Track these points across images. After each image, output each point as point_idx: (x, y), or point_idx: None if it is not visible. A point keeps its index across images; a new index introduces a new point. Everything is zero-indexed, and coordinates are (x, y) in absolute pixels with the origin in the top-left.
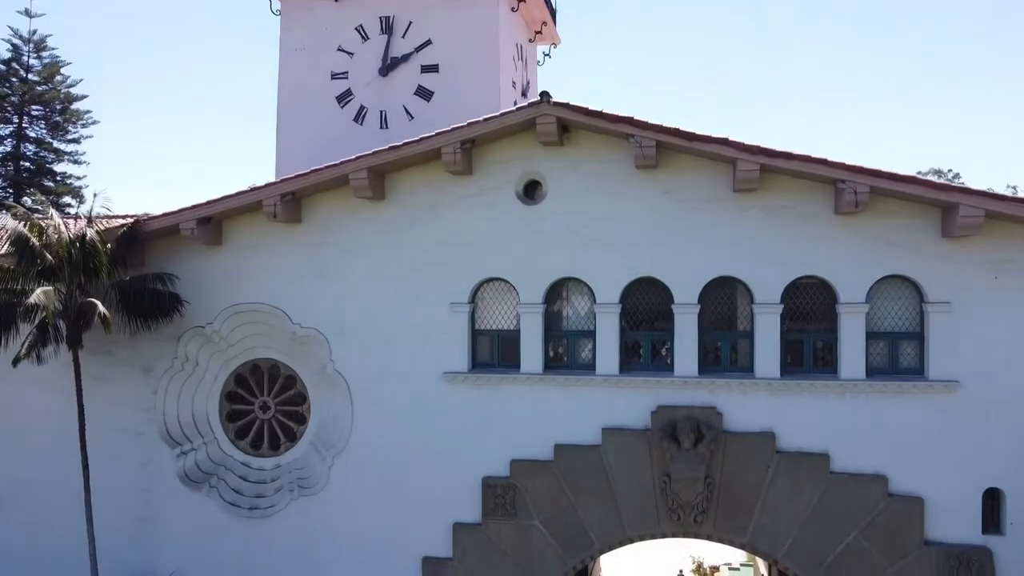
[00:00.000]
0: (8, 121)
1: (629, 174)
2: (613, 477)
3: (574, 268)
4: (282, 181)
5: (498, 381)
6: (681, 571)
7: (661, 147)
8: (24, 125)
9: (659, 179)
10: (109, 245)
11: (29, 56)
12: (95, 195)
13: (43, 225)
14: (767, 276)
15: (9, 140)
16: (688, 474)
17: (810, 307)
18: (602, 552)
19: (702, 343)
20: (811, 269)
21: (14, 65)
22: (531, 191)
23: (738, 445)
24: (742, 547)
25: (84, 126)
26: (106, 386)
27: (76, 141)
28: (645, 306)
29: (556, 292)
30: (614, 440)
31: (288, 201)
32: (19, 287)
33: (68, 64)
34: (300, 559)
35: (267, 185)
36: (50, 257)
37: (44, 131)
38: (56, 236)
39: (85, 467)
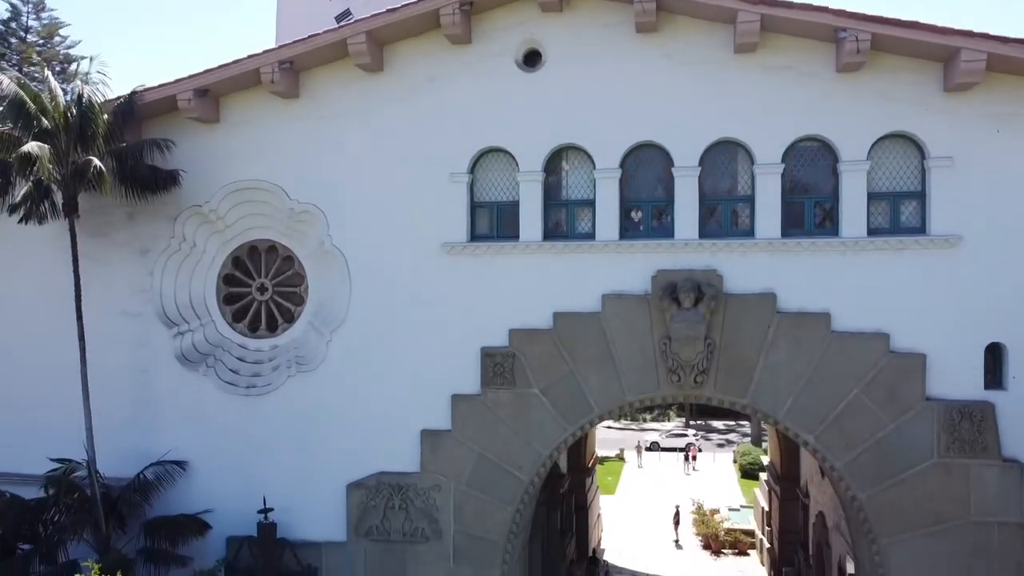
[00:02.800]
0: None
1: (629, 38)
2: (613, 342)
3: (574, 135)
4: (280, 47)
5: (497, 250)
6: (677, 507)
7: (661, 8)
8: None
9: (659, 43)
10: (105, 116)
11: (28, 17)
12: (91, 59)
13: (38, 90)
14: (767, 137)
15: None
16: (688, 333)
17: (810, 172)
18: (601, 418)
19: (702, 208)
20: (812, 129)
21: (13, 25)
22: (531, 59)
23: (738, 306)
24: (743, 408)
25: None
26: (103, 268)
27: None
28: (645, 173)
29: (556, 163)
30: (614, 305)
31: (286, 70)
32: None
33: (67, 25)
34: (298, 435)
35: (265, 52)
36: (47, 122)
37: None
38: (52, 101)
39: (81, 338)
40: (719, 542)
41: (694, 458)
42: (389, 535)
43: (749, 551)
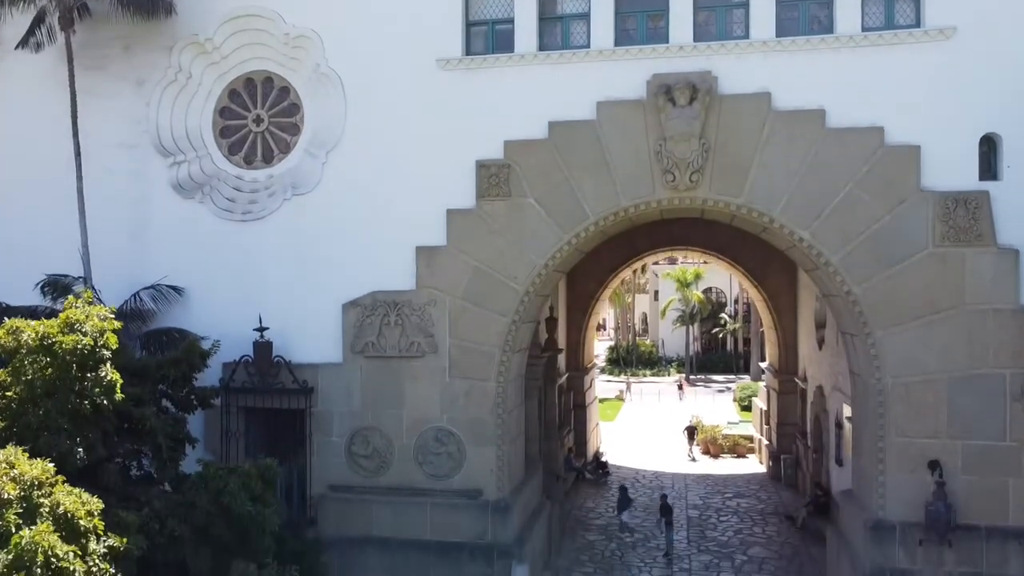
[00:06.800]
0: None
1: None
2: (608, 149)
3: None
4: None
5: (492, 62)
6: (691, 420)
7: None
8: None
9: None
10: None
11: None
12: None
13: None
14: None
15: None
16: (684, 129)
17: None
18: (596, 224)
19: (697, 15)
20: None
21: None
22: None
23: (733, 107)
24: (738, 208)
25: None
26: (99, 101)
27: None
28: None
29: None
30: (608, 112)
31: None
32: None
33: None
34: (293, 257)
35: None
36: None
37: None
38: None
39: (77, 155)
40: (717, 446)
41: (680, 388)
42: (385, 351)
43: (748, 455)
